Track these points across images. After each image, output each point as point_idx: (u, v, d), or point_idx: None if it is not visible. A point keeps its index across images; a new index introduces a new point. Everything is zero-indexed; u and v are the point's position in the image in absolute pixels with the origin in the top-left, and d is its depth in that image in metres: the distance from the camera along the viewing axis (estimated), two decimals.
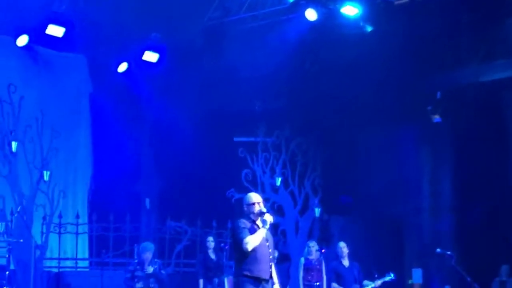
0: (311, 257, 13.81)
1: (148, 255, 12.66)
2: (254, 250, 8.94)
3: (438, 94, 15.90)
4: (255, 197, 9.35)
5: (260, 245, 9.03)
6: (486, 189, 16.25)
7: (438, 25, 15.01)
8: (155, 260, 12.97)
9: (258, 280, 8.95)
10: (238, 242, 8.90)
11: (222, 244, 14.36)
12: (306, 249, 14.06)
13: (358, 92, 15.86)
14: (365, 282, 13.31)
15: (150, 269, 12.55)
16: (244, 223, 9.03)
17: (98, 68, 16.27)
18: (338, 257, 13.57)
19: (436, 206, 17.16)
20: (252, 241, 8.88)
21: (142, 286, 12.42)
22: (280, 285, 9.29)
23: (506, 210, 16.14)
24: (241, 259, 8.94)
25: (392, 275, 13.32)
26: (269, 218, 9.07)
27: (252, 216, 9.13)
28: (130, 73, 16.09)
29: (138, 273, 12.60)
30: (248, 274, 8.89)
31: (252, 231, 8.99)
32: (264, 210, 9.17)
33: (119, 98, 16.33)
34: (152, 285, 12.49)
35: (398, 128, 17.28)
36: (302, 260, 13.99)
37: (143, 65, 15.96)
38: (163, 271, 12.90)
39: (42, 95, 15.41)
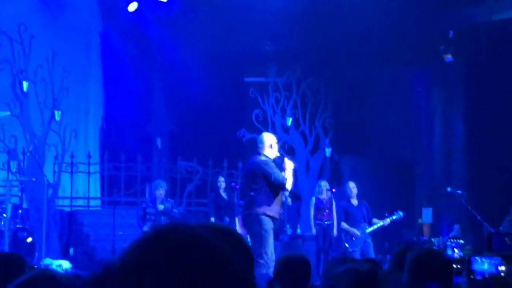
0: (321, 197, 13.87)
1: (161, 192, 12.77)
2: (277, 192, 9.21)
3: (451, 33, 15.76)
4: (272, 138, 9.60)
5: None
6: (498, 129, 16.21)
7: None
8: (168, 199, 13.09)
9: (273, 219, 9.24)
10: (278, 183, 9.14)
11: (233, 184, 14.44)
12: (317, 189, 14.12)
13: (369, 32, 15.74)
14: (374, 220, 13.38)
15: (161, 207, 12.66)
16: (273, 163, 9.27)
17: (108, 6, 16.18)
18: (347, 197, 13.63)
19: (447, 147, 17.16)
20: (290, 181, 9.24)
21: (152, 224, 12.54)
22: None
23: None
24: (267, 199, 9.17)
25: (400, 213, 13.37)
26: (289, 163, 9.32)
27: (269, 154, 9.37)
28: (141, 12, 16.00)
29: (150, 210, 12.71)
30: (270, 214, 9.17)
31: None
32: (278, 154, 9.44)
33: (129, 38, 16.28)
34: (163, 223, 12.60)
35: (410, 68, 17.20)
36: (313, 199, 14.06)
37: (153, 4, 15.86)
38: (175, 210, 13.01)
39: (53, 34, 15.34)
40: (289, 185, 9.36)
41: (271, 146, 9.46)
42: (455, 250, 12.28)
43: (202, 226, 1.64)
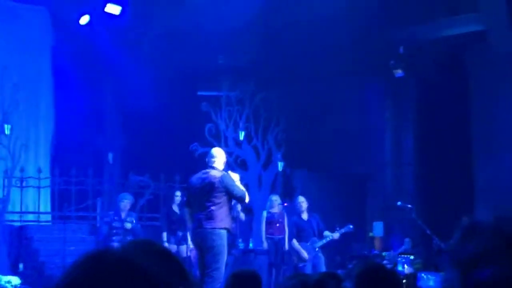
0: (273, 211, 13.90)
1: (125, 204, 12.75)
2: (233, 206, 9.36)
3: (401, 49, 15.95)
4: (223, 152, 9.73)
5: None
6: (448, 143, 16.44)
7: None
8: (131, 212, 13.09)
9: (229, 232, 9.32)
10: (239, 197, 9.21)
11: (185, 198, 14.37)
12: (268, 203, 14.16)
13: (321, 47, 15.86)
14: (325, 233, 13.45)
15: (129, 225, 12.69)
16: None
17: (60, 20, 16.06)
18: (297, 212, 13.68)
19: (398, 161, 17.33)
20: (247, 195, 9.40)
21: (120, 241, 12.48)
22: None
23: (466, 164, 16.35)
24: (225, 213, 9.22)
25: (350, 226, 13.49)
26: (235, 176, 9.45)
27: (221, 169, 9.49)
28: (92, 25, 15.90)
29: (116, 224, 12.66)
30: (227, 226, 9.23)
31: None
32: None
33: (81, 51, 16.16)
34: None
35: (361, 82, 17.38)
36: (265, 213, 14.08)
37: (105, 17, 15.76)
38: (138, 225, 13.07)
39: (3, 48, 15.19)
40: (247, 197, 9.47)
41: (223, 161, 9.56)
42: (405, 266, 12.42)
43: (135, 248, 1.76)
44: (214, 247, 9.20)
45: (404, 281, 10.91)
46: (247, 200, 9.47)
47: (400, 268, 12.91)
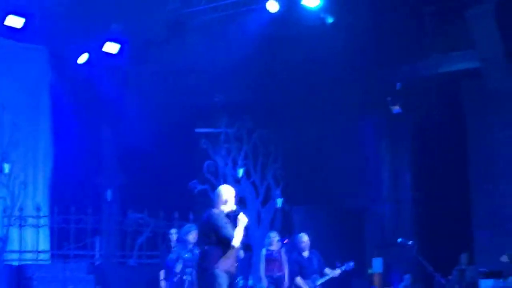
0: (272, 248, 13.87)
1: (194, 235, 12.43)
2: (229, 246, 9.13)
3: (398, 85, 16.02)
4: (230, 190, 9.52)
5: None
6: (446, 179, 16.47)
7: (398, 16, 15.14)
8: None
9: (229, 274, 9.13)
10: (226, 238, 9.05)
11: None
12: (267, 240, 14.13)
13: (318, 84, 15.94)
14: (326, 270, 13.41)
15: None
16: (223, 217, 9.19)
17: (58, 59, 16.11)
18: (298, 249, 13.64)
19: (396, 197, 17.34)
20: (238, 239, 9.09)
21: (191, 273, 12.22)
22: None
23: (464, 200, 16.37)
24: (220, 253, 9.08)
25: (351, 263, 13.45)
26: (244, 218, 9.26)
27: (223, 209, 9.31)
28: (91, 64, 15.96)
29: (188, 256, 12.38)
30: (225, 268, 9.06)
31: None
32: (234, 207, 9.37)
33: (79, 89, 16.20)
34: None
35: (358, 119, 17.44)
36: (264, 251, 14.04)
37: (103, 56, 15.84)
38: None
39: (2, 87, 15.24)
40: (236, 242, 9.20)
41: (226, 200, 9.42)
42: None
43: None
44: (207, 287, 9.16)
45: None
46: (235, 244, 9.22)
47: None
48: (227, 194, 9.48)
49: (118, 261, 16.45)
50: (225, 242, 9.10)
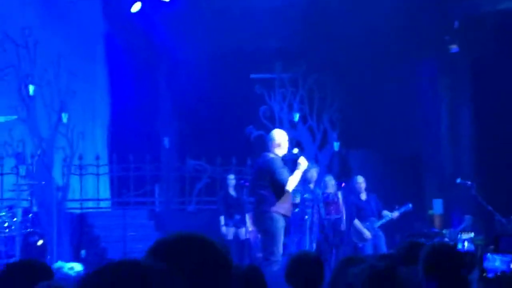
0: (328, 191, 13.85)
1: (313, 173, 12.37)
2: (283, 190, 9.18)
3: (456, 23, 15.71)
4: (283, 134, 9.54)
5: None
6: (506, 118, 16.17)
7: None
8: None
9: (285, 217, 9.21)
10: (280, 183, 9.11)
11: (242, 181, 14.42)
12: (322, 184, 14.12)
13: (373, 25, 15.67)
14: (384, 212, 13.36)
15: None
16: (279, 161, 9.22)
17: (111, 8, 16.16)
18: (356, 192, 13.60)
19: (455, 137, 17.11)
20: (292, 184, 9.13)
21: None
22: None
23: None
24: (275, 197, 9.12)
25: (410, 205, 13.37)
26: (304, 162, 9.26)
27: (279, 153, 9.32)
28: (144, 12, 15.98)
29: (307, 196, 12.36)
30: (282, 211, 9.13)
31: None
32: (296, 151, 9.37)
33: (133, 38, 16.26)
34: None
35: (415, 59, 17.16)
36: (321, 194, 14.04)
37: (157, 4, 15.84)
38: None
39: (57, 38, 15.34)
40: (290, 186, 9.24)
41: (279, 144, 9.42)
42: (466, 243, 12.28)
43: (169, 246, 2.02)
44: (266, 230, 9.23)
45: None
46: (288, 188, 9.27)
47: (460, 246, 12.78)
48: (280, 138, 9.49)
49: (177, 207, 16.63)
50: (279, 186, 9.13)
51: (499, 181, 15.44)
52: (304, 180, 12.31)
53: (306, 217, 12.26)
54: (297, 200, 12.19)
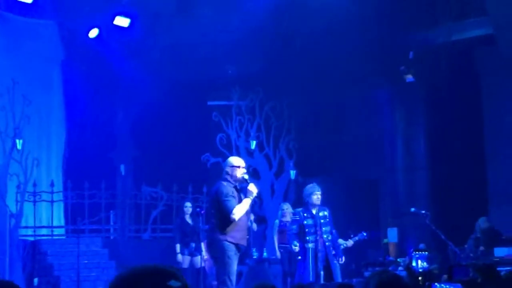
0: (285, 219, 13.85)
1: (317, 196, 11.54)
2: (239, 218, 9.04)
3: (411, 54, 15.91)
4: (238, 161, 9.42)
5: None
6: (460, 147, 16.37)
7: None
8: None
9: (237, 247, 9.06)
10: (225, 211, 8.96)
11: (198, 209, 14.32)
12: (280, 212, 14.12)
13: (331, 54, 15.81)
14: (340, 241, 13.38)
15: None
16: (228, 189, 9.07)
17: (69, 34, 16.07)
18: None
19: (410, 166, 17.26)
20: (239, 212, 8.98)
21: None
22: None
23: (479, 167, 16.28)
24: (225, 225, 9.00)
25: (364, 233, 13.41)
26: (253, 189, 9.14)
27: (232, 181, 9.19)
28: (102, 38, 15.93)
29: (308, 222, 11.49)
30: (232, 240, 8.98)
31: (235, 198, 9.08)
32: (246, 177, 9.24)
33: (91, 64, 16.18)
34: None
35: (371, 88, 17.36)
36: (277, 222, 14.04)
37: (114, 30, 15.80)
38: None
39: (13, 63, 15.21)
40: (237, 215, 9.04)
41: (231, 172, 9.31)
42: (419, 262, 12.35)
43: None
44: (217, 258, 9.12)
45: (420, 278, 10.84)
46: (235, 217, 9.03)
47: (414, 263, 12.88)
48: (234, 163, 9.41)
49: (132, 235, 16.52)
50: (225, 215, 9.00)
51: (453, 211, 15.59)
52: (306, 203, 11.65)
53: (310, 245, 11.68)
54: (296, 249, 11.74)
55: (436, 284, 7.37)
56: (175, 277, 2.10)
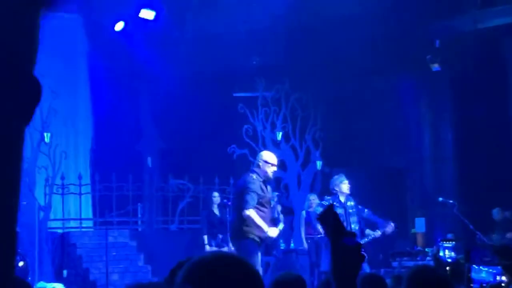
0: (311, 210, 13.85)
1: (345, 185, 11.74)
2: (263, 210, 9.02)
3: (437, 43, 15.82)
4: (273, 159, 9.34)
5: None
6: (487, 136, 16.27)
7: None
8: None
9: (260, 238, 9.04)
10: (243, 204, 8.91)
11: (225, 200, 14.38)
12: (306, 203, 14.11)
13: (356, 44, 15.74)
14: (367, 231, 13.35)
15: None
16: (256, 184, 9.01)
17: (94, 27, 16.14)
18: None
19: (437, 155, 17.19)
20: (253, 215, 8.89)
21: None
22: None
23: (506, 157, 16.17)
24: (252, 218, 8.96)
25: (392, 224, 13.36)
26: (274, 235, 9.16)
27: (262, 175, 9.15)
28: (127, 31, 15.98)
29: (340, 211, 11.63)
30: (252, 236, 8.94)
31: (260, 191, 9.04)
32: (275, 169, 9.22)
33: (117, 57, 16.23)
34: None
35: (397, 78, 17.28)
36: (303, 213, 14.04)
37: (140, 23, 15.84)
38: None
39: (39, 57, 15.22)
40: (249, 214, 8.88)
41: (261, 165, 9.28)
42: (446, 252, 12.30)
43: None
44: (240, 250, 9.06)
45: (447, 268, 10.78)
46: (246, 212, 8.95)
47: (442, 253, 12.81)
48: (265, 158, 9.37)
49: (160, 226, 16.59)
50: (243, 207, 8.92)
51: (481, 200, 15.50)
52: (335, 192, 11.81)
53: None
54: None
55: (474, 266, 7.33)
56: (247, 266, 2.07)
